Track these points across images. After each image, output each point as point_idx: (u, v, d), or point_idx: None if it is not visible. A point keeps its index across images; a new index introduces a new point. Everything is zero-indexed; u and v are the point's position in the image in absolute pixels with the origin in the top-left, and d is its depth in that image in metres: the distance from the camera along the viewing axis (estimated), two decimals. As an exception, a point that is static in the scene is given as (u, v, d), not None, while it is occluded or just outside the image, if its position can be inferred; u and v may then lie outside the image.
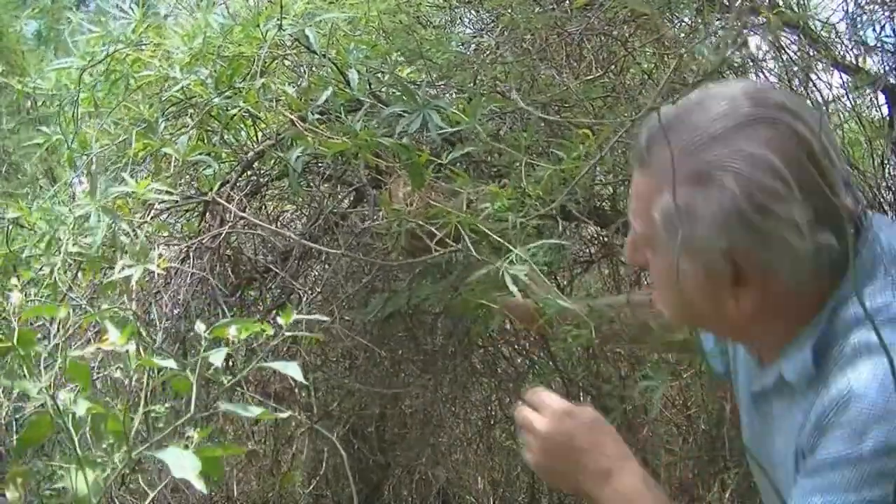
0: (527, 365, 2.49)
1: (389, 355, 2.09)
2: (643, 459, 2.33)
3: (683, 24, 2.03)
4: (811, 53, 1.89)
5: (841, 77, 2.02)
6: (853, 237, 0.93)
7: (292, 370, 0.87)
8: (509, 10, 2.04)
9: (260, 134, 1.93)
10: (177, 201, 1.79)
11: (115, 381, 1.53)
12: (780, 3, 1.77)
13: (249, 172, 1.95)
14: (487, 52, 2.00)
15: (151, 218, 1.73)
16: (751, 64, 1.90)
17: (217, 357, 0.84)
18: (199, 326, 0.88)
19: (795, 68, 1.94)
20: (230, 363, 2.02)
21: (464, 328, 2.22)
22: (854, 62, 2.03)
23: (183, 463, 0.76)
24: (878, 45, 2.03)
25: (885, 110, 1.98)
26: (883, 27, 2.10)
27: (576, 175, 1.39)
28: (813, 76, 1.98)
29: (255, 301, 2.13)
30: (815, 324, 0.94)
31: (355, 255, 1.59)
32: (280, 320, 0.89)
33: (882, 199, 2.02)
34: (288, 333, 0.88)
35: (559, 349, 1.89)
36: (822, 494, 0.88)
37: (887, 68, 2.00)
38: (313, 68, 1.79)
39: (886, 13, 2.09)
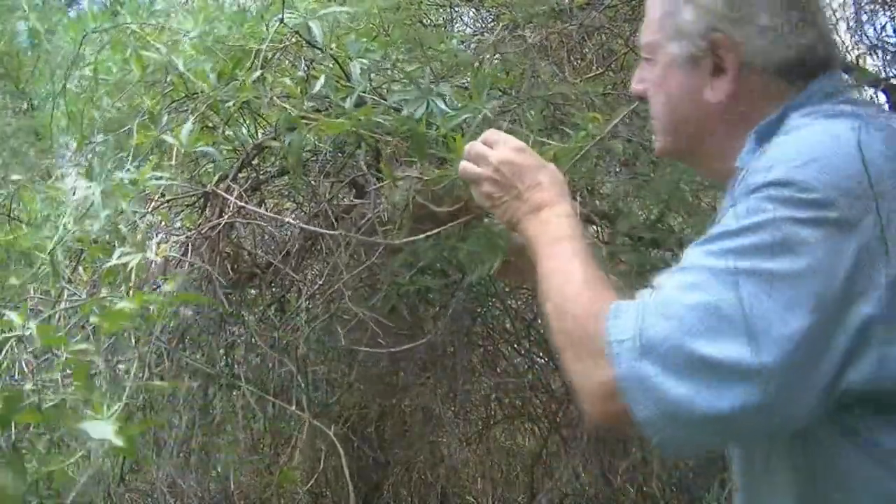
0: (527, 365, 2.48)
1: (389, 352, 2.08)
2: (643, 458, 2.33)
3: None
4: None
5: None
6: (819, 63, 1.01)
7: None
8: (509, 9, 2.04)
9: (260, 132, 1.93)
10: (178, 194, 1.79)
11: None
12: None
13: (248, 169, 1.94)
14: (487, 49, 2.00)
15: (152, 210, 1.73)
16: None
17: None
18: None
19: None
20: (226, 354, 2.02)
21: (464, 326, 2.21)
22: (854, 61, 2.04)
23: (99, 429, 0.90)
24: (879, 44, 2.04)
25: (885, 108, 1.99)
26: (884, 27, 2.11)
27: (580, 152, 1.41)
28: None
29: (255, 298, 2.12)
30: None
31: (358, 236, 1.59)
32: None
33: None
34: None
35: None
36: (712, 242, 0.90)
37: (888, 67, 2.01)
38: (314, 63, 1.79)
39: (887, 13, 2.10)
